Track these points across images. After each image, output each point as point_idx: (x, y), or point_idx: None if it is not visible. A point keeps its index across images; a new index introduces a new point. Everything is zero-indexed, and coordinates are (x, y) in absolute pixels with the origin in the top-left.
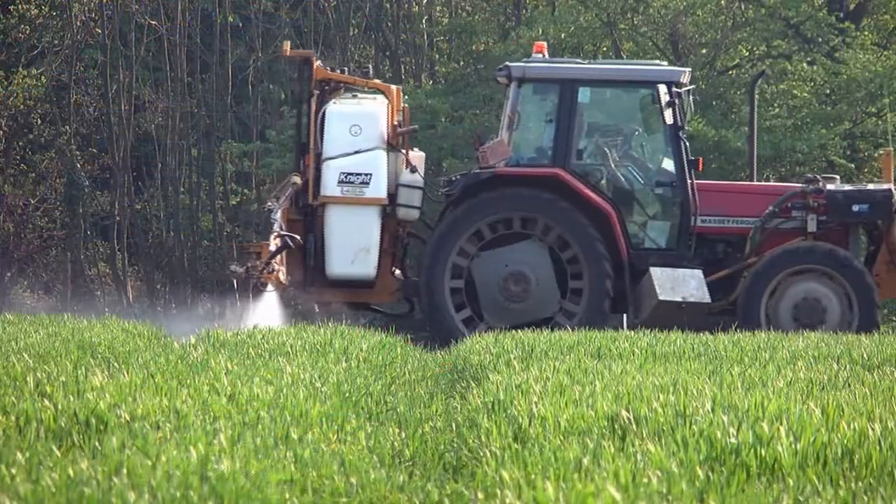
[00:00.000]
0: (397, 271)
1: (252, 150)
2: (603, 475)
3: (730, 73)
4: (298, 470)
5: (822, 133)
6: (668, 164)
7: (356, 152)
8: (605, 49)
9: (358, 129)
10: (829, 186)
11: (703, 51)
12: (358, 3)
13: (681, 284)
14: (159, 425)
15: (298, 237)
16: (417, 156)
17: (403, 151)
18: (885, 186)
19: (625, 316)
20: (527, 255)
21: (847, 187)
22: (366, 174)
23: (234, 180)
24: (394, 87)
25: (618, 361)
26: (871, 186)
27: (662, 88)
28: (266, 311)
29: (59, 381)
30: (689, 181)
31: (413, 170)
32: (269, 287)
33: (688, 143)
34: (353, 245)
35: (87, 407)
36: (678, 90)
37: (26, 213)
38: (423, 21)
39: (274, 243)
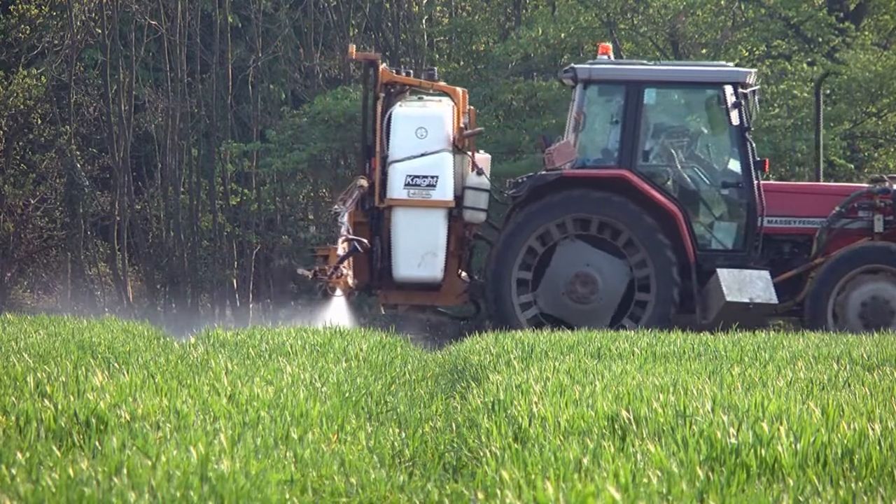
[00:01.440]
0: (464, 274)
1: (252, 150)
2: (603, 475)
3: None
4: (298, 470)
5: (822, 133)
6: (734, 165)
7: (422, 155)
8: None
9: (424, 132)
10: None
11: (703, 51)
12: (358, 3)
13: (748, 285)
14: (159, 425)
15: (366, 241)
16: (483, 158)
17: (469, 154)
18: None
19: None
20: (609, 265)
21: None
22: (432, 177)
23: (234, 180)
24: (459, 89)
25: (618, 361)
26: None
27: (728, 89)
28: (335, 316)
29: (59, 381)
30: (755, 182)
31: (479, 172)
32: (338, 292)
33: (754, 144)
34: (420, 248)
35: (87, 407)
36: (744, 91)
37: (26, 213)
38: (423, 21)
39: (342, 247)
